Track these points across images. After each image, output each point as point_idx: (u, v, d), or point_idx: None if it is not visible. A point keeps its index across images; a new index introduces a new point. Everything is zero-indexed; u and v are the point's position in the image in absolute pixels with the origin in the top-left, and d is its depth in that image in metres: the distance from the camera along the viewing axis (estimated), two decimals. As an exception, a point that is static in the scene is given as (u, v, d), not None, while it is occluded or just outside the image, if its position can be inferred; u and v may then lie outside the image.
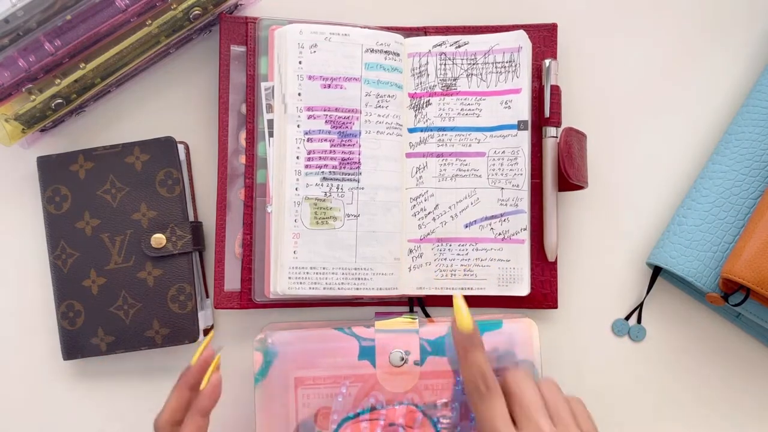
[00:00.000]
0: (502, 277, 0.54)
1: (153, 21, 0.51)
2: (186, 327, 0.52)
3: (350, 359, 0.50)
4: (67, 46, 0.50)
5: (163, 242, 0.52)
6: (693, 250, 0.52)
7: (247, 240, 0.54)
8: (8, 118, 0.50)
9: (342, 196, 0.53)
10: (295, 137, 0.53)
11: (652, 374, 0.56)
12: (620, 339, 0.56)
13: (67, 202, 0.53)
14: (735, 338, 0.56)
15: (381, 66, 0.54)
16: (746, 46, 0.58)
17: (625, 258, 0.56)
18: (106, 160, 0.53)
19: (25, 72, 0.49)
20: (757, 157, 0.53)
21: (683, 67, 0.58)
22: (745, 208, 0.52)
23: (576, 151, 0.53)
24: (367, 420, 0.49)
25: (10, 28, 0.48)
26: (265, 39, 0.54)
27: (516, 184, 0.54)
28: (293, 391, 0.50)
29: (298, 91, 0.53)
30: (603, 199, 0.57)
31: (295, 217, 0.52)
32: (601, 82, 0.58)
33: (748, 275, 0.48)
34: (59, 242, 0.53)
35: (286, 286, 0.52)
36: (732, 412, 0.55)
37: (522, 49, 0.54)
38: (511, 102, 0.54)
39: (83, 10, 0.49)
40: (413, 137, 0.55)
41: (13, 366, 0.55)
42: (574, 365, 0.56)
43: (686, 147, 0.57)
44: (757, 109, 0.54)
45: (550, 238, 0.54)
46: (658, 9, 0.58)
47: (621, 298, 0.56)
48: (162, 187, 0.53)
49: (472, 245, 0.54)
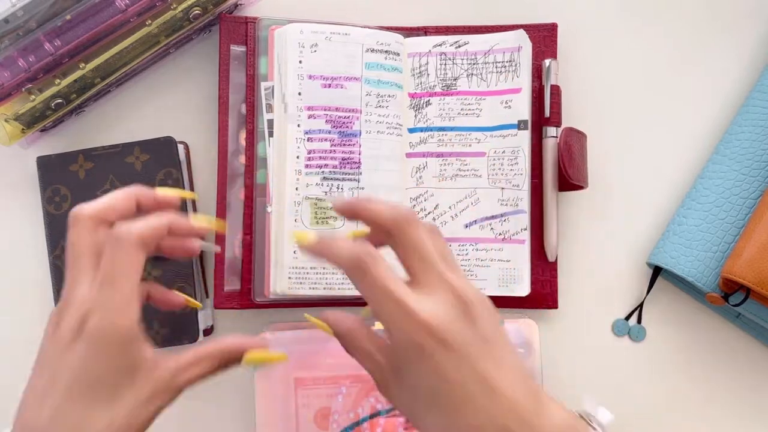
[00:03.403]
0: (503, 278, 0.54)
1: (153, 21, 0.51)
2: (186, 327, 0.52)
3: (350, 360, 0.49)
4: (67, 46, 0.50)
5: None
6: (693, 250, 0.52)
7: (247, 240, 0.54)
8: (8, 118, 0.50)
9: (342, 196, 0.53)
10: (296, 137, 0.53)
11: (652, 374, 0.56)
12: (620, 339, 0.56)
13: (67, 202, 0.53)
14: (735, 338, 0.56)
15: (381, 66, 0.54)
16: (746, 46, 0.58)
17: (625, 258, 0.56)
18: (106, 160, 0.53)
19: (25, 72, 0.49)
20: (757, 157, 0.53)
21: (683, 67, 0.58)
22: (745, 208, 0.52)
23: (576, 151, 0.53)
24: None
25: (10, 28, 0.48)
26: (265, 39, 0.54)
27: (516, 184, 0.54)
28: (293, 392, 0.50)
29: (299, 91, 0.53)
30: (603, 199, 0.57)
31: (295, 217, 0.52)
32: (601, 82, 0.58)
33: (748, 275, 0.48)
34: (59, 242, 0.53)
35: (286, 286, 0.52)
36: (732, 411, 0.55)
37: (522, 49, 0.54)
38: (511, 102, 0.54)
39: (83, 10, 0.49)
40: (413, 137, 0.55)
41: (13, 366, 0.55)
42: (574, 365, 0.56)
43: (686, 147, 0.57)
44: (757, 109, 0.54)
45: (550, 238, 0.54)
46: (658, 9, 0.58)
47: (621, 298, 0.56)
48: (162, 187, 0.53)
49: (472, 245, 0.54)
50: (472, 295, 0.35)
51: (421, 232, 0.36)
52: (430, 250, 0.36)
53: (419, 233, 0.36)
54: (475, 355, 0.34)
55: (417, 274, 0.36)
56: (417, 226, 0.36)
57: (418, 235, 0.36)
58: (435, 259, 0.36)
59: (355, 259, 0.35)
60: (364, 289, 0.35)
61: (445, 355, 0.34)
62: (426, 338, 0.34)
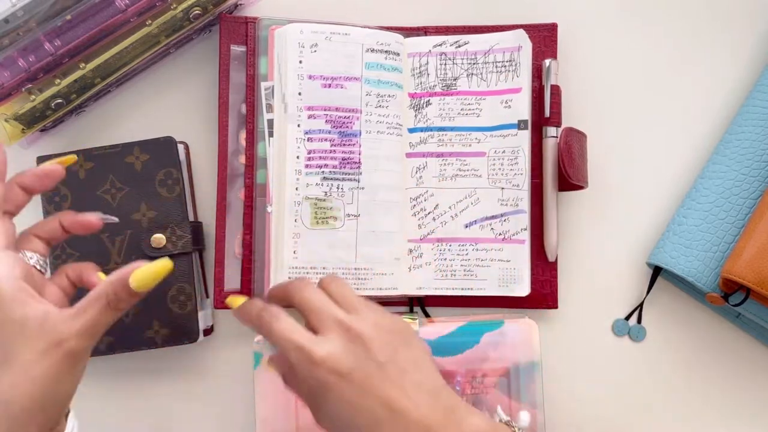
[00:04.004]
0: (503, 278, 0.54)
1: (153, 21, 0.51)
2: (186, 327, 0.52)
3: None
4: (67, 46, 0.50)
5: (162, 242, 0.52)
6: (693, 250, 0.52)
7: (247, 240, 0.54)
8: (8, 118, 0.50)
9: (342, 196, 0.53)
10: (296, 137, 0.53)
11: (652, 374, 0.56)
12: (620, 339, 0.56)
13: (67, 202, 0.53)
14: (735, 338, 0.56)
15: (381, 66, 0.54)
16: (746, 46, 0.58)
17: (625, 258, 0.56)
18: (106, 160, 0.53)
19: (25, 72, 0.49)
20: (757, 157, 0.53)
21: (683, 67, 0.58)
22: (745, 208, 0.52)
23: (576, 151, 0.53)
24: None
25: (10, 28, 0.48)
26: (265, 39, 0.54)
27: (516, 184, 0.54)
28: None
29: (299, 91, 0.53)
30: (603, 199, 0.57)
31: (295, 217, 0.52)
32: (601, 82, 0.58)
33: (748, 275, 0.48)
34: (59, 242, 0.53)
35: (286, 286, 0.52)
36: (732, 411, 0.55)
37: (522, 49, 0.54)
38: (512, 101, 0.54)
39: (83, 10, 0.49)
40: (413, 137, 0.55)
41: (13, 366, 0.55)
42: (574, 365, 0.56)
43: (686, 147, 0.57)
44: (757, 109, 0.54)
45: (550, 238, 0.54)
46: (658, 9, 0.58)
47: (621, 298, 0.56)
48: (162, 187, 0.53)
49: (472, 245, 0.54)
50: (368, 328, 0.40)
51: (309, 292, 0.42)
52: (317, 303, 0.41)
53: (305, 294, 0.42)
54: (375, 381, 0.39)
55: (314, 325, 0.41)
56: (302, 289, 0.42)
57: (305, 296, 0.42)
58: (325, 307, 0.41)
59: (258, 319, 0.41)
60: (272, 342, 0.41)
61: (346, 385, 0.38)
62: (326, 374, 0.38)
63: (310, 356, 0.39)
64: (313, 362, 0.39)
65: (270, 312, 0.41)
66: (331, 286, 0.43)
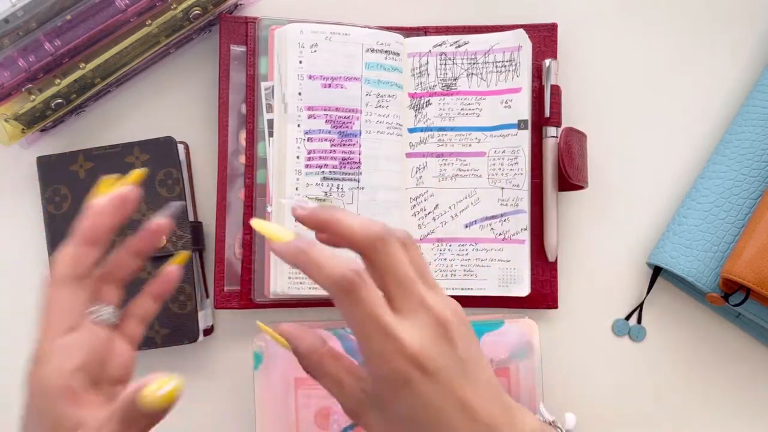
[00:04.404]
0: (503, 278, 0.54)
1: (153, 21, 0.51)
2: (186, 327, 0.52)
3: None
4: (67, 46, 0.50)
5: (162, 242, 0.52)
6: (693, 250, 0.52)
7: (247, 240, 0.54)
8: (8, 118, 0.50)
9: (342, 196, 0.53)
10: (296, 137, 0.53)
11: (652, 374, 0.56)
12: (620, 339, 0.56)
13: (67, 202, 0.53)
14: (735, 338, 0.56)
15: (381, 66, 0.54)
16: (746, 46, 0.58)
17: (625, 258, 0.56)
18: (106, 160, 0.53)
19: (25, 72, 0.49)
20: (757, 157, 0.53)
21: (683, 67, 0.58)
22: (745, 208, 0.52)
23: (576, 151, 0.53)
24: None
25: (10, 28, 0.48)
26: (265, 39, 0.54)
27: (516, 184, 0.54)
28: (293, 392, 0.50)
29: (299, 91, 0.53)
30: (603, 199, 0.57)
31: (295, 217, 0.52)
32: (601, 82, 0.58)
33: (748, 275, 0.48)
34: (59, 242, 0.53)
35: (286, 286, 0.52)
36: (732, 412, 0.55)
37: (522, 48, 0.54)
38: (511, 101, 0.54)
39: (83, 10, 0.49)
40: (413, 137, 0.55)
41: (14, 367, 0.55)
42: (574, 365, 0.56)
43: (686, 147, 0.57)
44: (757, 109, 0.54)
45: (550, 238, 0.54)
46: (658, 9, 0.58)
47: (621, 298, 0.56)
48: (162, 187, 0.53)
49: (472, 245, 0.54)
50: (450, 314, 0.35)
51: (397, 251, 0.35)
52: (407, 273, 0.35)
53: (395, 254, 0.35)
54: (454, 379, 0.34)
55: (395, 299, 0.35)
56: (392, 245, 0.35)
57: (395, 257, 0.35)
58: (413, 280, 0.35)
59: (345, 281, 0.33)
60: (349, 314, 0.34)
61: (428, 382, 0.34)
62: (411, 369, 0.33)
63: (400, 345, 0.33)
64: (400, 352, 0.33)
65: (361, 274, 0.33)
66: (411, 251, 0.36)
